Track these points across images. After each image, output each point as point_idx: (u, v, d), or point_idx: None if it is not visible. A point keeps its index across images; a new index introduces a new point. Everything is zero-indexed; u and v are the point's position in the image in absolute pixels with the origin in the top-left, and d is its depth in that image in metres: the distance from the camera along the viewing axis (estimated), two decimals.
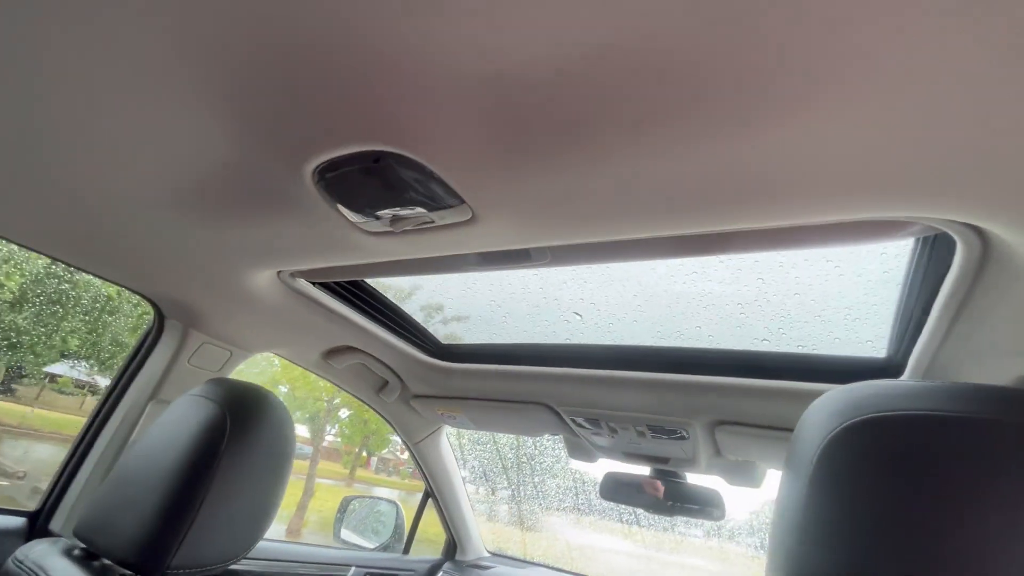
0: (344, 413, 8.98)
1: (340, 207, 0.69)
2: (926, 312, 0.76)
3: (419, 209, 0.64)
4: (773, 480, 1.43)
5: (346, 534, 2.09)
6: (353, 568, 1.80)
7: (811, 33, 0.37)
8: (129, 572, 0.83)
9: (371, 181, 0.62)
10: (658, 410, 1.24)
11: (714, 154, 0.50)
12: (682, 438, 1.30)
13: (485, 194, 0.60)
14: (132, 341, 1.30)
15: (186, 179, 0.71)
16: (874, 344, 0.99)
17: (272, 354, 1.40)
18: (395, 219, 0.68)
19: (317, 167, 0.61)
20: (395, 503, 2.18)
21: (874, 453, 0.44)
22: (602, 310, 1.18)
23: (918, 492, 0.40)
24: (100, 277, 1.12)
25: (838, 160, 0.48)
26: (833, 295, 0.91)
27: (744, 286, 0.96)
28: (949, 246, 0.63)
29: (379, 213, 0.67)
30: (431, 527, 2.22)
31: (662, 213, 0.60)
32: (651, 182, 0.55)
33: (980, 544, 0.38)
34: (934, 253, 0.68)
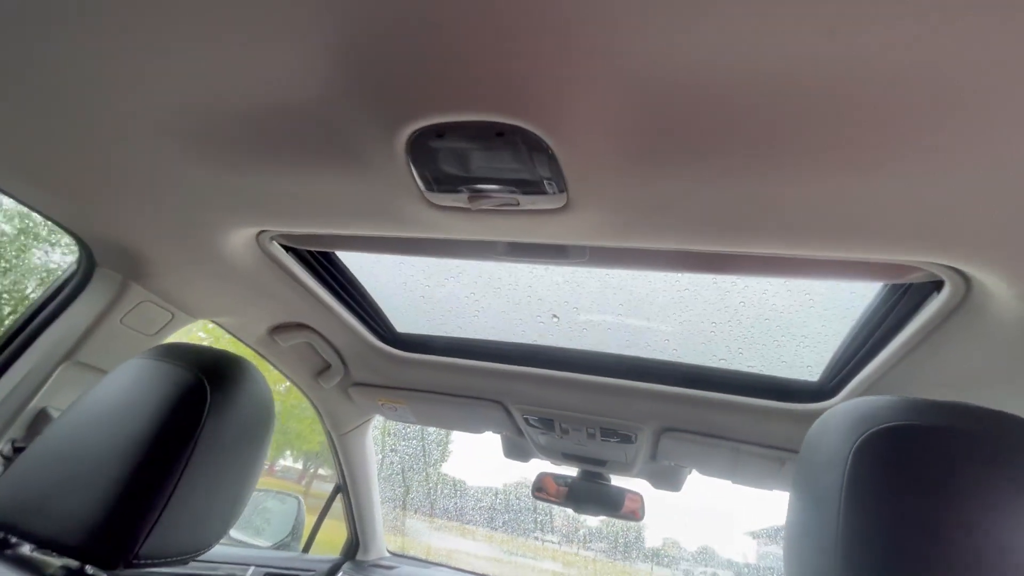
0: None
1: (416, 173, 0.65)
2: (878, 345, 0.92)
3: (515, 190, 0.64)
4: (691, 484, 1.59)
5: (235, 532, 1.88)
6: (252, 568, 1.63)
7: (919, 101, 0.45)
8: (69, 562, 0.69)
9: (475, 152, 0.60)
10: (613, 414, 1.33)
11: (814, 185, 0.57)
12: (629, 442, 1.39)
13: (592, 185, 0.62)
14: None
15: (216, 106, 0.62)
16: (811, 369, 1.16)
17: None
18: (474, 196, 0.67)
19: (420, 129, 0.58)
20: (297, 498, 2.02)
21: (909, 455, 0.51)
22: (582, 315, 1.23)
23: (950, 494, 0.47)
24: (18, 200, 0.91)
25: (874, 206, 0.58)
26: (797, 323, 1.05)
27: (725, 307, 1.08)
28: (923, 291, 0.79)
29: (469, 187, 0.65)
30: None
31: (738, 229, 0.66)
32: (747, 201, 0.61)
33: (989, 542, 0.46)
34: (903, 297, 0.83)
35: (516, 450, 1.67)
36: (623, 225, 0.69)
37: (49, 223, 0.99)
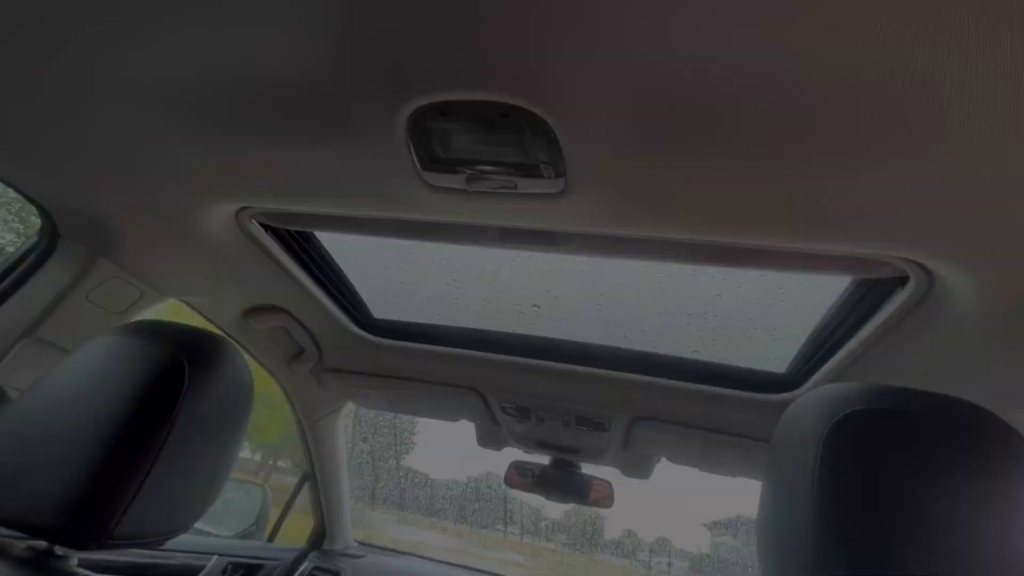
0: None
1: (414, 152, 0.65)
2: (843, 338, 0.97)
3: (514, 173, 0.64)
4: (660, 472, 1.64)
5: (198, 521, 1.83)
6: (215, 556, 1.59)
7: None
8: (35, 543, 0.66)
9: (477, 133, 0.60)
10: (589, 402, 1.35)
11: (796, 179, 0.60)
12: (602, 430, 1.42)
13: (590, 172, 0.63)
14: None
15: (202, 75, 0.60)
16: (778, 361, 1.21)
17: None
18: (472, 177, 0.67)
19: (424, 106, 0.58)
20: (262, 487, 1.98)
21: (878, 437, 0.54)
22: (563, 305, 1.24)
23: (915, 474, 0.50)
24: None
25: (851, 201, 0.61)
26: (769, 317, 1.10)
27: (701, 299, 1.11)
28: (889, 287, 0.83)
29: (467, 168, 0.65)
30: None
31: (725, 220, 0.68)
32: (736, 193, 0.63)
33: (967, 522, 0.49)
34: (869, 292, 0.88)
35: (490, 438, 1.68)
36: (615, 213, 0.71)
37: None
